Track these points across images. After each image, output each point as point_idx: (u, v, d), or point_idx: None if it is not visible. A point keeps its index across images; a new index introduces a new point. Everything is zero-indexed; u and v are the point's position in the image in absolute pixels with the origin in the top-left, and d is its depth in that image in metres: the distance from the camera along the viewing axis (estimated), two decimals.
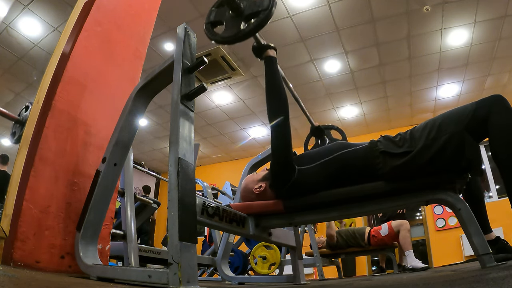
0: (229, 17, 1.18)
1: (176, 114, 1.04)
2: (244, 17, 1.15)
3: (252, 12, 1.14)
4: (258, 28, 1.12)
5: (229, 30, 1.16)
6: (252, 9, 1.14)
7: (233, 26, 1.16)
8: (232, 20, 1.17)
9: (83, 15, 1.71)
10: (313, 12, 4.29)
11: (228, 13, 1.19)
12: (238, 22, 1.16)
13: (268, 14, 1.10)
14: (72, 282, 0.95)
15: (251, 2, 1.16)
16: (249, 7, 1.16)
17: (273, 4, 1.11)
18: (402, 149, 1.20)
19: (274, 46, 1.50)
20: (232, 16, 1.18)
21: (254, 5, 1.15)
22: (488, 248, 1.07)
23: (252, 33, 1.14)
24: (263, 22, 1.11)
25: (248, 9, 1.16)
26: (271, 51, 1.48)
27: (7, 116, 1.82)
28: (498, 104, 1.13)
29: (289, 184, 1.30)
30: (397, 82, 5.77)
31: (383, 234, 3.56)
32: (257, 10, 1.13)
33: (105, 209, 1.36)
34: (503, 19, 4.37)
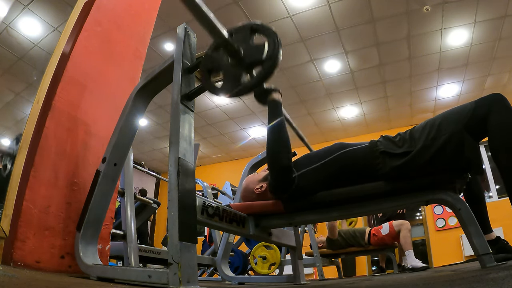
0: (228, 65, 1.02)
1: (176, 114, 1.04)
2: (245, 66, 1.00)
3: (255, 60, 0.99)
4: (263, 81, 0.97)
5: (228, 82, 1.01)
6: (255, 57, 0.99)
7: (233, 77, 1.00)
8: (231, 70, 1.01)
9: (83, 15, 1.71)
10: (313, 12, 4.29)
11: (226, 59, 1.03)
12: (238, 72, 1.00)
13: (274, 64, 0.95)
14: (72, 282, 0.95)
15: (252, 48, 1.00)
16: (251, 54, 1.00)
17: (278, 52, 0.96)
18: (402, 149, 1.20)
19: (278, 89, 1.41)
20: (232, 65, 1.02)
21: (256, 51, 0.99)
22: (488, 248, 1.07)
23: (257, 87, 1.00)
24: (268, 75, 0.95)
25: (249, 56, 1.00)
26: (276, 95, 1.40)
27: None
28: (497, 103, 1.12)
29: (288, 193, 1.31)
30: (397, 82, 5.77)
31: (384, 233, 3.56)
32: (261, 59, 0.97)
33: (105, 209, 1.36)
34: (503, 19, 4.37)
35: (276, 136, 1.33)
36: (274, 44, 0.97)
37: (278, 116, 1.35)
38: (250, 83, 0.98)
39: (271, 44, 0.98)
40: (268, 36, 1.00)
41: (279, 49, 0.97)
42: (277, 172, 1.31)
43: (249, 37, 1.02)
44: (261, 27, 1.02)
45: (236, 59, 1.01)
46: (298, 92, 6.01)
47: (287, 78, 5.58)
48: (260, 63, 0.98)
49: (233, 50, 1.00)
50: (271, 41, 0.98)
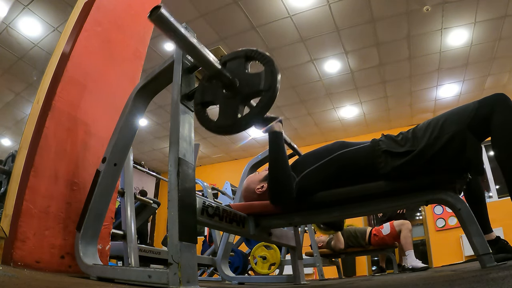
0: (223, 98, 0.97)
1: (176, 114, 1.04)
2: (242, 97, 0.94)
3: (252, 91, 0.93)
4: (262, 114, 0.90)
5: (224, 117, 0.95)
6: (251, 88, 0.93)
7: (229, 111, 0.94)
8: (227, 103, 0.96)
9: (83, 15, 1.71)
10: (313, 12, 4.29)
11: (221, 91, 0.98)
12: (234, 105, 0.94)
13: (273, 95, 0.89)
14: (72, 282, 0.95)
15: (248, 77, 0.94)
16: (247, 85, 0.94)
17: (276, 81, 0.90)
18: (404, 148, 1.19)
19: (280, 118, 1.39)
20: (227, 96, 0.96)
21: (252, 81, 0.93)
22: (488, 248, 1.07)
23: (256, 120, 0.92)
24: (267, 107, 0.89)
25: (245, 88, 0.94)
26: (277, 125, 1.38)
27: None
28: (500, 103, 1.12)
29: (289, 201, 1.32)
30: (397, 82, 5.77)
31: (385, 233, 3.56)
32: (258, 90, 0.91)
33: (105, 209, 1.36)
34: (503, 19, 4.37)
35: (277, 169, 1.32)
36: (271, 73, 0.91)
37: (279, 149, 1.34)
38: (249, 117, 0.91)
39: (268, 73, 0.92)
40: (265, 64, 0.94)
41: (277, 77, 0.91)
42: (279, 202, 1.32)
43: (244, 65, 0.97)
44: (256, 54, 0.97)
45: (232, 91, 0.95)
46: (298, 92, 6.01)
47: (287, 78, 5.58)
48: (258, 94, 0.92)
49: (227, 81, 0.95)
50: (268, 70, 0.92)
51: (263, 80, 0.91)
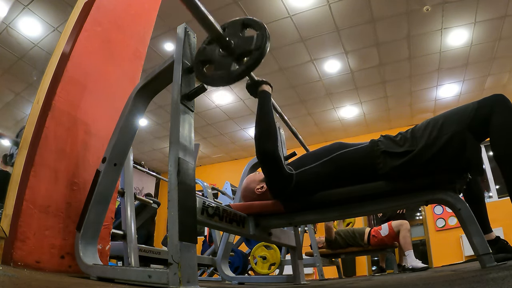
0: (220, 57, 1.09)
1: (176, 114, 1.04)
2: (235, 56, 1.06)
3: (244, 51, 1.05)
4: (250, 69, 1.04)
5: (219, 71, 1.07)
6: (244, 48, 1.05)
7: (224, 66, 1.06)
8: (222, 60, 1.08)
9: (83, 15, 1.71)
10: (313, 12, 4.29)
11: (218, 52, 1.10)
12: (228, 62, 1.06)
13: (261, 54, 1.02)
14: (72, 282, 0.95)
15: (242, 40, 1.08)
16: (241, 46, 1.07)
17: (265, 43, 1.03)
18: (403, 148, 1.19)
19: (268, 82, 1.48)
20: (223, 55, 1.08)
21: (245, 43, 1.06)
22: (488, 248, 1.07)
23: (244, 74, 1.05)
24: (255, 63, 1.03)
25: (239, 48, 1.06)
26: (266, 86, 1.47)
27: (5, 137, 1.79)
28: (500, 104, 1.12)
29: (287, 192, 1.31)
30: (397, 82, 5.77)
31: (383, 234, 3.56)
32: (249, 49, 1.04)
33: (105, 209, 1.36)
34: (503, 19, 4.37)
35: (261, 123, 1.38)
36: (262, 36, 1.04)
37: (266, 107, 1.41)
38: (239, 70, 1.04)
39: (260, 36, 1.04)
40: (258, 29, 1.06)
41: (267, 40, 1.04)
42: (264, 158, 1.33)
43: (240, 31, 1.10)
44: (252, 21, 1.09)
45: (227, 51, 1.08)
46: (298, 92, 6.01)
47: (287, 78, 5.58)
48: (249, 53, 1.05)
49: (224, 43, 1.07)
50: (260, 34, 1.05)
51: (254, 42, 1.05)
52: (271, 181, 1.36)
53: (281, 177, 1.31)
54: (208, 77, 1.08)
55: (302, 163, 1.36)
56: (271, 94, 1.49)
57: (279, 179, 1.31)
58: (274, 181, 1.34)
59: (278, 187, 1.33)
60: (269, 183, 1.37)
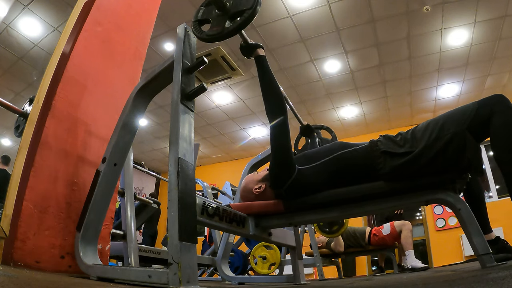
0: (215, 16, 1.22)
1: (176, 114, 1.04)
2: (230, 15, 1.18)
3: (238, 11, 1.17)
4: (242, 26, 1.15)
5: (214, 28, 1.19)
6: (238, 8, 1.17)
7: (219, 24, 1.19)
8: (218, 19, 1.21)
9: (83, 15, 1.71)
10: (313, 12, 4.29)
11: (214, 12, 1.22)
12: (223, 20, 1.19)
13: (253, 13, 1.13)
14: (72, 282, 0.95)
15: (237, 1, 1.19)
16: (235, 6, 1.19)
17: (257, 3, 1.14)
18: (403, 149, 1.19)
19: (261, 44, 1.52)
20: (219, 15, 1.21)
21: (239, 4, 1.18)
22: (488, 248, 1.07)
23: (237, 30, 1.16)
24: (247, 20, 1.14)
25: (233, 8, 1.19)
26: (260, 50, 1.49)
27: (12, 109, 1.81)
28: (500, 104, 1.12)
29: (288, 183, 1.30)
30: (397, 82, 5.77)
31: (385, 234, 3.56)
32: (242, 9, 1.16)
33: (105, 209, 1.36)
34: (503, 19, 4.37)
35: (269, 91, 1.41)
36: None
37: (268, 70, 1.44)
38: (233, 26, 1.15)
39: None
40: None
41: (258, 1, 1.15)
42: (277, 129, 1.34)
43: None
44: None
45: (223, 11, 1.20)
46: (298, 92, 6.01)
47: (287, 78, 5.58)
48: (242, 13, 1.16)
49: (220, 3, 1.19)
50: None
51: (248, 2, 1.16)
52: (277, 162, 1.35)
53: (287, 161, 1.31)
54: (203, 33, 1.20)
55: (304, 162, 1.36)
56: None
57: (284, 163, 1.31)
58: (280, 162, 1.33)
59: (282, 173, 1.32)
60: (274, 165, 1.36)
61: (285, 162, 1.32)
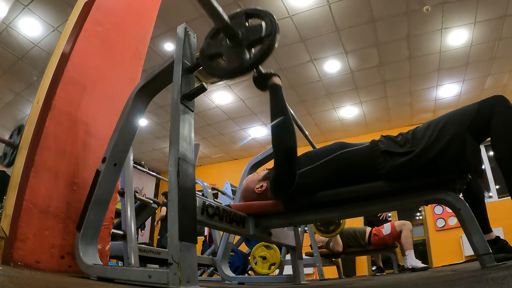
0: (228, 48, 1.04)
1: (176, 114, 1.04)
2: (246, 46, 1.02)
3: (254, 39, 1.01)
4: (264, 57, 0.98)
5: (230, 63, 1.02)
6: (254, 36, 1.01)
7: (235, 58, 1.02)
8: (231, 51, 1.03)
9: (83, 15, 1.71)
10: (313, 12, 4.29)
11: (225, 43, 1.06)
12: (239, 52, 1.01)
13: (273, 41, 0.98)
14: (72, 282, 0.95)
15: (250, 28, 1.03)
16: (250, 34, 1.02)
17: (276, 29, 0.98)
18: (404, 148, 1.20)
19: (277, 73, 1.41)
20: (231, 47, 1.04)
21: (254, 31, 1.02)
22: (488, 248, 1.07)
23: (258, 63, 1.00)
24: (268, 51, 0.97)
25: (248, 37, 1.02)
26: (276, 79, 1.39)
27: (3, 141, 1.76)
28: (500, 105, 1.12)
29: (289, 190, 1.30)
30: (397, 82, 5.77)
31: (385, 233, 3.56)
32: (260, 37, 1.00)
33: (105, 209, 1.36)
34: (503, 19, 4.37)
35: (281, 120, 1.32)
36: (271, 22, 1.00)
37: (281, 100, 1.34)
38: (252, 59, 0.99)
39: (269, 22, 1.01)
40: (264, 16, 1.02)
41: (276, 25, 0.99)
42: (285, 154, 1.29)
43: (245, 22, 1.06)
44: (255, 11, 1.05)
45: (236, 41, 1.03)
46: (298, 92, 6.01)
47: (287, 78, 5.58)
48: (260, 41, 1.00)
49: (232, 33, 1.02)
50: (268, 20, 1.01)
51: (264, 28, 1.00)
52: (279, 177, 1.33)
53: (291, 173, 1.29)
54: (220, 70, 1.04)
55: (303, 163, 1.36)
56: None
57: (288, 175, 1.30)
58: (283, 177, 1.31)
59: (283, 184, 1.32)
60: (276, 179, 1.34)
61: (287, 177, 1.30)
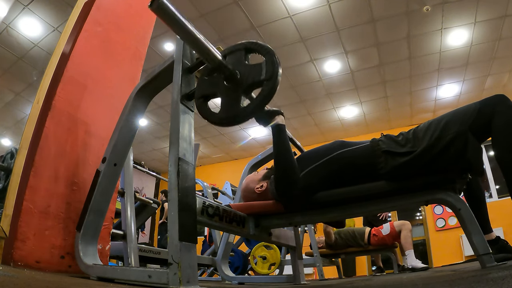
0: (225, 89, 0.96)
1: (176, 114, 1.04)
2: (244, 89, 0.93)
3: (253, 82, 0.92)
4: (264, 103, 0.89)
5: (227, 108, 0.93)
6: (253, 79, 0.92)
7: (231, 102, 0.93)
8: (228, 94, 0.95)
9: (83, 15, 1.71)
10: (313, 12, 4.29)
11: (221, 83, 0.97)
12: (236, 96, 0.92)
13: (274, 85, 0.88)
14: (72, 282, 0.95)
15: (249, 69, 0.94)
16: (248, 76, 0.93)
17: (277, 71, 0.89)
18: (405, 148, 1.19)
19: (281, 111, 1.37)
20: (229, 89, 0.95)
21: (254, 72, 0.92)
22: (488, 248, 1.07)
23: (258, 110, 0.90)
24: (269, 95, 0.88)
25: (246, 78, 0.93)
26: (279, 118, 1.37)
27: None
28: (501, 104, 1.12)
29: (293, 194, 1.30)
30: (397, 82, 5.77)
31: (385, 234, 3.56)
32: (259, 80, 0.91)
33: (105, 209, 1.36)
34: (503, 19, 4.37)
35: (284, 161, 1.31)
36: (272, 63, 0.90)
37: (284, 142, 1.33)
38: (251, 107, 0.90)
39: (270, 63, 0.91)
40: (265, 54, 0.93)
41: (278, 67, 0.90)
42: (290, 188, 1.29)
43: (244, 58, 0.97)
44: (256, 46, 0.96)
45: (233, 82, 0.94)
46: (298, 92, 6.01)
47: (287, 78, 5.58)
48: (259, 84, 0.91)
49: (228, 73, 0.94)
50: (269, 60, 0.91)
51: (264, 70, 0.91)
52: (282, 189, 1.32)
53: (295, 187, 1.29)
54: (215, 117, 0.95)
55: (304, 163, 1.35)
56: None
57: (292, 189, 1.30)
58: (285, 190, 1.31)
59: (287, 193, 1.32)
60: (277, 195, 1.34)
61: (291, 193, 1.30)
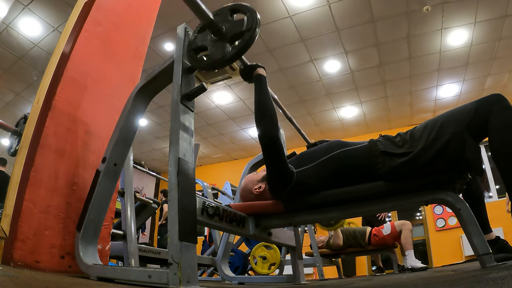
0: (212, 42, 1.11)
1: (176, 114, 1.04)
2: (228, 39, 1.09)
3: (236, 33, 1.07)
4: (244, 49, 1.05)
5: (213, 55, 1.09)
6: (236, 30, 1.08)
7: (217, 50, 1.09)
8: (215, 44, 1.10)
9: (83, 15, 1.71)
10: (313, 12, 4.29)
11: (210, 37, 1.12)
12: (222, 45, 1.09)
13: (253, 35, 1.04)
14: (72, 282, 0.95)
15: (233, 23, 1.10)
16: (232, 29, 1.09)
17: (257, 24, 1.05)
18: (402, 149, 1.20)
19: (262, 65, 1.45)
20: (215, 40, 1.11)
21: (236, 26, 1.09)
22: (488, 248, 1.07)
23: (238, 55, 1.06)
24: (248, 43, 1.04)
25: (230, 31, 1.09)
26: (261, 70, 1.43)
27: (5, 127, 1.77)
28: (498, 103, 1.12)
29: (287, 190, 1.30)
30: (397, 82, 5.77)
31: (385, 234, 3.56)
32: (241, 31, 1.06)
33: (105, 209, 1.36)
34: (503, 19, 4.37)
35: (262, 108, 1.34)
36: (252, 18, 1.06)
37: (264, 90, 1.37)
38: (232, 52, 1.06)
39: (250, 17, 1.06)
40: (247, 12, 1.08)
41: (257, 21, 1.05)
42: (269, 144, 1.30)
43: (229, 17, 1.12)
44: (239, 6, 1.11)
45: (219, 35, 1.10)
46: (298, 92, 6.01)
47: (287, 78, 5.58)
48: (241, 35, 1.06)
49: (216, 28, 1.09)
50: (250, 16, 1.07)
51: (245, 23, 1.07)
52: (273, 175, 1.33)
53: (283, 170, 1.29)
54: (203, 62, 1.11)
55: (302, 162, 1.35)
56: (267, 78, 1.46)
57: (281, 172, 1.29)
58: (276, 175, 1.31)
59: (280, 183, 1.31)
60: (271, 178, 1.35)
61: (281, 175, 1.31)
